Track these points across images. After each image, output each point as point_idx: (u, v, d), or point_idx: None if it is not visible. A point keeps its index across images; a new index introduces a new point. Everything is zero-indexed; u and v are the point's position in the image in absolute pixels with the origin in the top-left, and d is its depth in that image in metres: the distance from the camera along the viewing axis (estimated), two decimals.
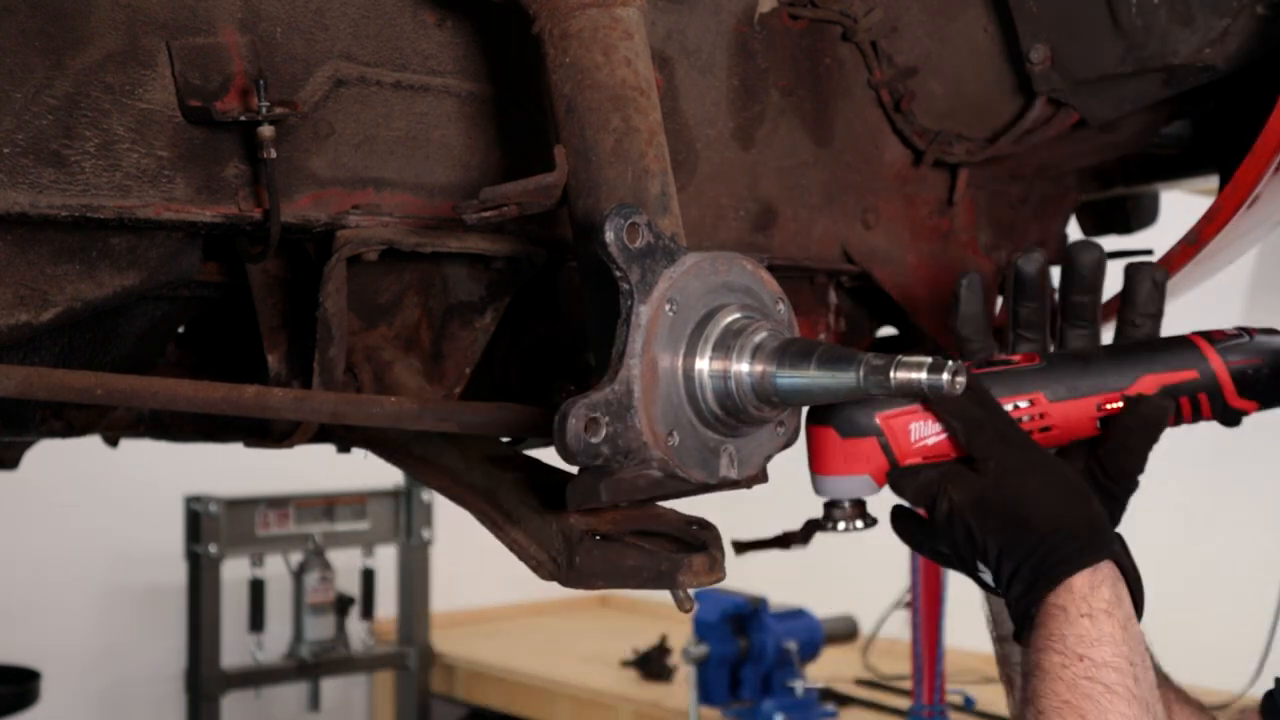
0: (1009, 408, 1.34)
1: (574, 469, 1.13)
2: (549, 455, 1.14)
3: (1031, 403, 1.35)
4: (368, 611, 4.92)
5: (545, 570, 1.20)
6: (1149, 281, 1.39)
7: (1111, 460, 1.35)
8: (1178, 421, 1.41)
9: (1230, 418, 1.43)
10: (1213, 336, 1.42)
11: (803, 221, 1.65)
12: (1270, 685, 1.43)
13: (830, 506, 1.34)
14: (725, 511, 1.51)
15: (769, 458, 1.19)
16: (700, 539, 1.20)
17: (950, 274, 1.82)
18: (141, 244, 1.27)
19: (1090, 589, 1.18)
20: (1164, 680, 1.50)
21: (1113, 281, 1.80)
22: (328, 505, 4.79)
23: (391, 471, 1.43)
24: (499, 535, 1.26)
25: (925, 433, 1.31)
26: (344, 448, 1.53)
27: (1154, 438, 1.36)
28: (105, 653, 5.01)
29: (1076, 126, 1.72)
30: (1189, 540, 4.39)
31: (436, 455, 1.35)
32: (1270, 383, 1.42)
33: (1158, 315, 1.41)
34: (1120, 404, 1.35)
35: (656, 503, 1.26)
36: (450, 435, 1.34)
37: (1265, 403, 1.42)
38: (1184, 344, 1.41)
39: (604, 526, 1.19)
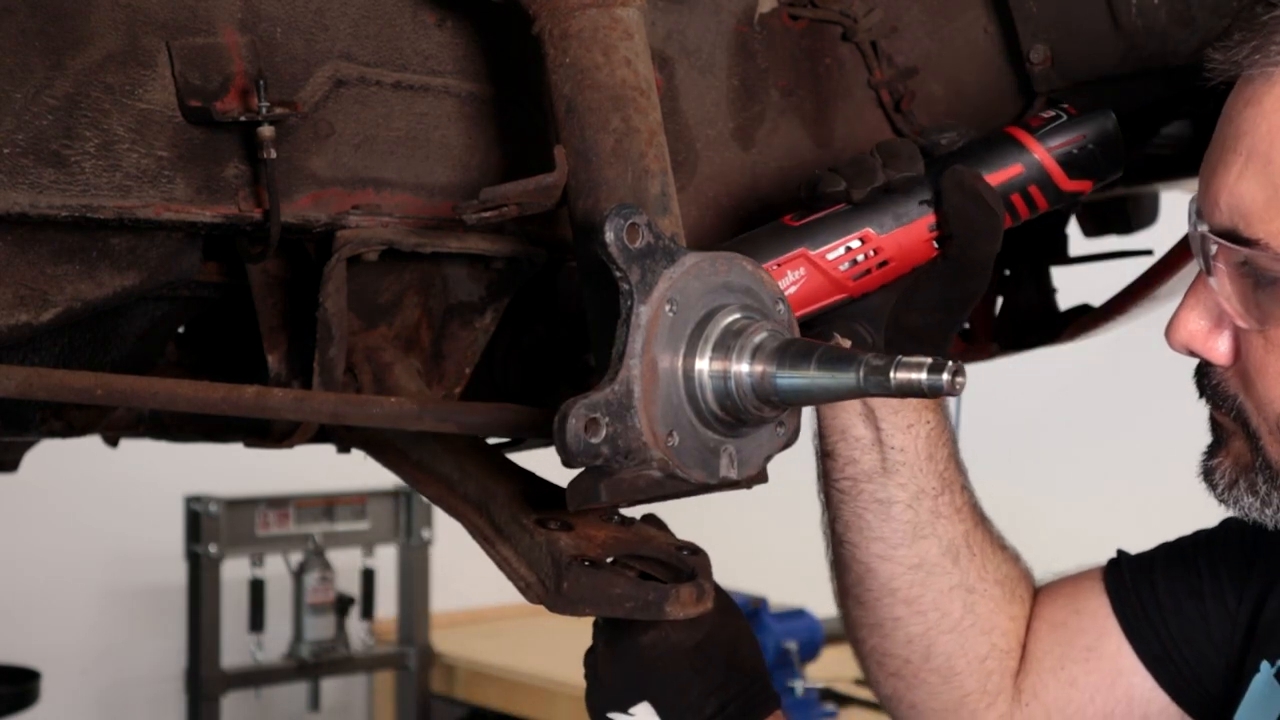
0: (840, 250, 1.33)
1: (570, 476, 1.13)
2: (549, 456, 1.14)
3: (862, 240, 1.34)
4: (368, 611, 4.91)
5: (533, 592, 1.20)
6: None
7: (955, 281, 1.35)
8: (1015, 220, 1.39)
9: (1066, 202, 1.40)
10: (1029, 124, 1.38)
11: None
12: None
13: None
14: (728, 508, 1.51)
15: (769, 458, 1.19)
16: (690, 566, 1.20)
17: None
18: (141, 244, 1.27)
19: None
20: (982, 520, 1.52)
21: (1113, 280, 1.81)
22: (328, 505, 4.78)
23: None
24: (489, 551, 1.26)
25: None
26: (344, 448, 1.53)
27: (992, 243, 1.34)
28: (105, 653, 5.00)
29: None
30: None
31: (432, 462, 1.35)
32: (1098, 157, 1.38)
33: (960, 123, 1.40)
34: None
35: (647, 526, 1.26)
36: (447, 442, 1.33)
37: (1099, 177, 1.40)
38: (1002, 140, 1.37)
39: (594, 551, 1.19)
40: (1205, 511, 1.38)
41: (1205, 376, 1.26)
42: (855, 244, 1.34)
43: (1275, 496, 1.23)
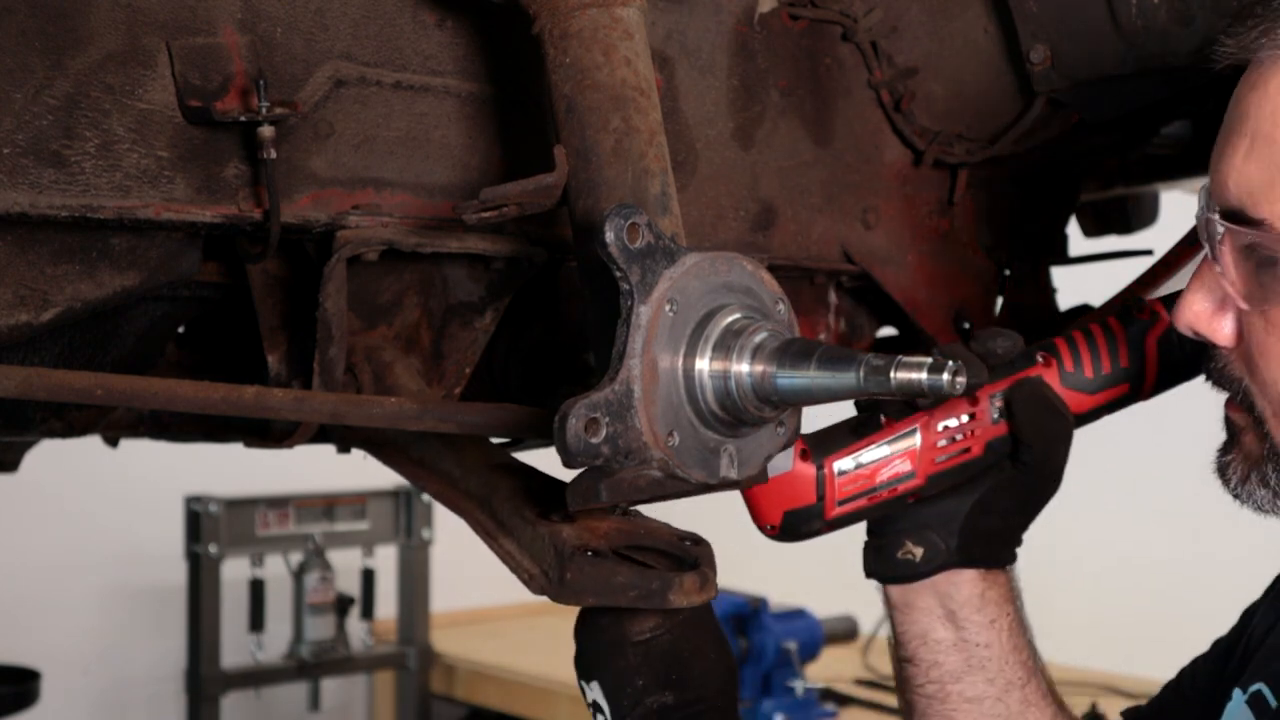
0: (939, 427, 1.38)
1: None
2: (549, 456, 1.13)
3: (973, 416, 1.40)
4: (368, 611, 4.91)
5: (536, 584, 1.20)
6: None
7: (1032, 487, 1.42)
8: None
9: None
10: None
11: (803, 221, 1.65)
12: None
13: None
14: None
15: (769, 458, 1.19)
16: (693, 555, 1.20)
17: (950, 274, 1.82)
18: (141, 244, 1.27)
19: None
20: (1060, 701, 1.54)
21: (1113, 280, 1.81)
22: (328, 505, 4.78)
23: (392, 471, 1.44)
24: (491, 545, 1.26)
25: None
26: (344, 448, 1.53)
27: (1066, 449, 1.41)
28: (105, 653, 5.00)
29: (1077, 127, 1.72)
30: (1189, 542, 4.39)
31: (433, 459, 1.35)
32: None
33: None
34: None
35: (649, 517, 1.26)
36: (448, 439, 1.33)
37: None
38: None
39: (596, 541, 1.19)
40: (1205, 513, 1.39)
41: (1211, 360, 1.27)
42: (963, 419, 1.39)
43: None
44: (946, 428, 1.38)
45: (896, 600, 1.48)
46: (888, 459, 1.36)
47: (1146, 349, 1.44)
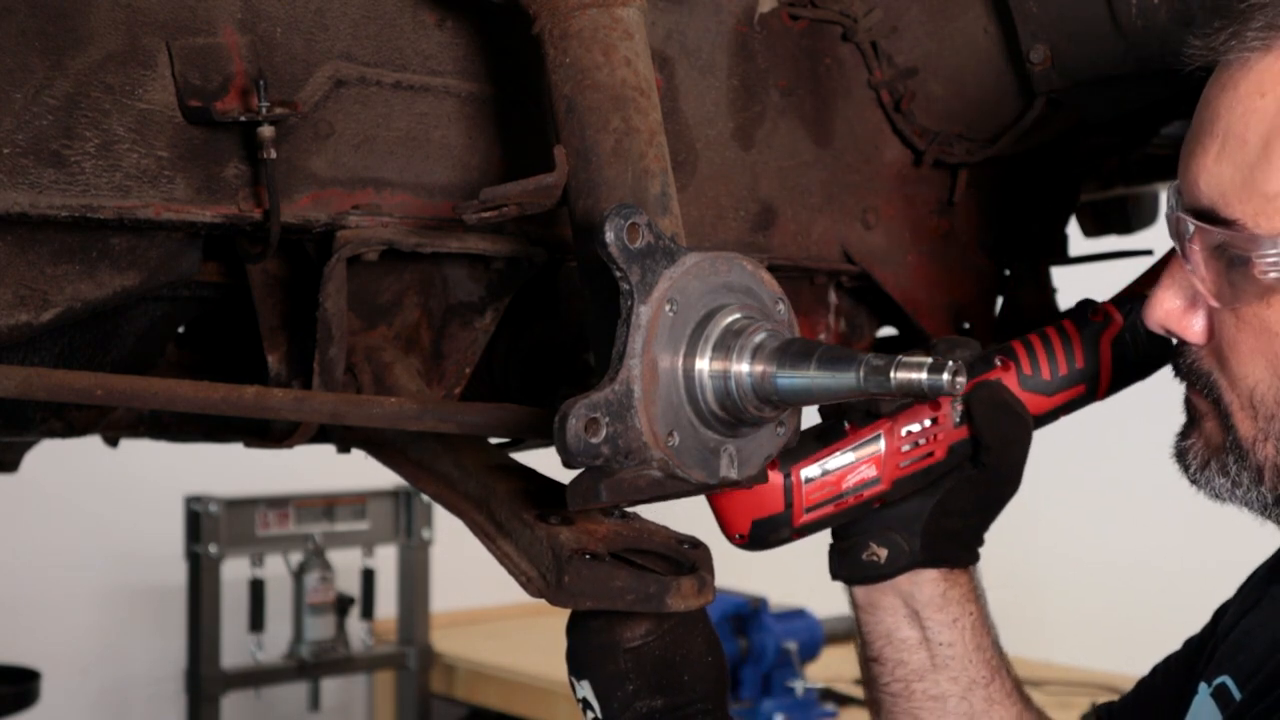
0: (903, 432, 1.39)
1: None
2: (549, 456, 1.13)
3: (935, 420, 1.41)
4: (368, 611, 4.91)
5: (534, 587, 1.20)
6: None
7: (990, 487, 1.43)
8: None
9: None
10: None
11: (803, 221, 1.65)
12: None
13: None
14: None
15: (769, 458, 1.20)
16: (691, 559, 1.20)
17: (950, 274, 1.82)
18: (141, 244, 1.27)
19: None
20: (1027, 699, 1.55)
21: (1113, 280, 1.80)
22: (328, 505, 4.78)
23: (392, 471, 1.44)
24: (489, 547, 1.25)
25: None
26: (344, 448, 1.53)
27: (1024, 451, 1.43)
28: (105, 653, 5.01)
29: (1077, 126, 1.72)
30: (1190, 543, 4.38)
31: (432, 460, 1.35)
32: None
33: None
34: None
35: (648, 520, 1.26)
36: (447, 441, 1.33)
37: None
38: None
39: (594, 545, 1.18)
40: (1208, 515, 1.39)
41: (1181, 355, 1.27)
42: (926, 423, 1.40)
43: (1245, 477, 1.24)
44: (910, 432, 1.40)
45: (861, 601, 1.50)
46: (853, 465, 1.38)
47: (1101, 351, 1.46)
